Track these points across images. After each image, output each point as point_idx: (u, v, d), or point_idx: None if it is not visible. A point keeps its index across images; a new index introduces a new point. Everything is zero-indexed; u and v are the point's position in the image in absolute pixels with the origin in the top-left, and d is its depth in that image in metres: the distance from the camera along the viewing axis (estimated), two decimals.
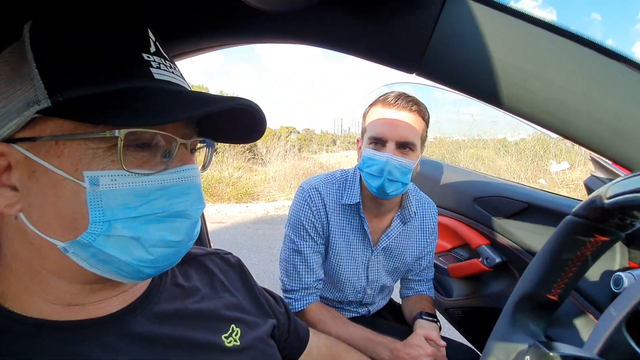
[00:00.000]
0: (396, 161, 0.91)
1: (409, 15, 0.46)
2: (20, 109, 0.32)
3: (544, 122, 0.48)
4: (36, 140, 0.33)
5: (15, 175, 0.34)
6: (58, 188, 0.33)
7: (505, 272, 1.15)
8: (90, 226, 0.33)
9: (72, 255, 0.35)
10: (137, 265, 0.36)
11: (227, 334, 0.51)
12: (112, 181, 0.33)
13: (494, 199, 1.13)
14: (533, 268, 0.39)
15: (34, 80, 0.32)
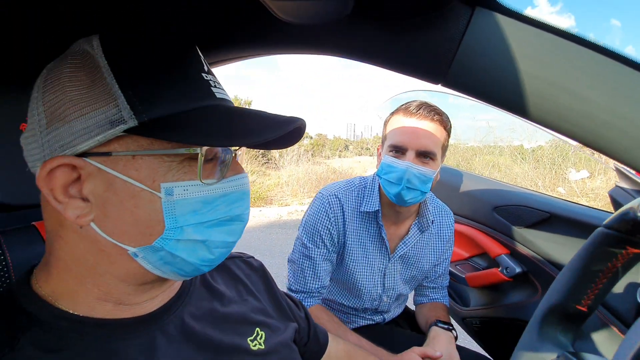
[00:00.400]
0: (415, 169, 0.91)
1: (437, 28, 0.48)
2: (103, 126, 0.34)
3: (571, 133, 0.48)
4: (111, 154, 0.35)
5: (88, 187, 0.36)
6: (136, 199, 0.36)
7: (525, 282, 1.13)
8: (165, 232, 0.37)
9: (140, 259, 0.38)
10: (199, 264, 0.40)
11: (252, 337, 0.52)
12: (184, 191, 0.37)
13: (514, 208, 1.12)
14: (562, 279, 0.40)
15: (118, 100, 0.34)
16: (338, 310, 1.14)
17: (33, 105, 0.37)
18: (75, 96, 0.35)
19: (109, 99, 0.34)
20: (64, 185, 0.35)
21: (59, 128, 0.35)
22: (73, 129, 0.34)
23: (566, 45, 0.44)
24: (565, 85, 0.45)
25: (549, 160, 6.19)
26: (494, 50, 0.46)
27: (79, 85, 0.35)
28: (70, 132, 0.34)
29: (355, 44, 0.53)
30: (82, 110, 0.34)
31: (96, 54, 0.35)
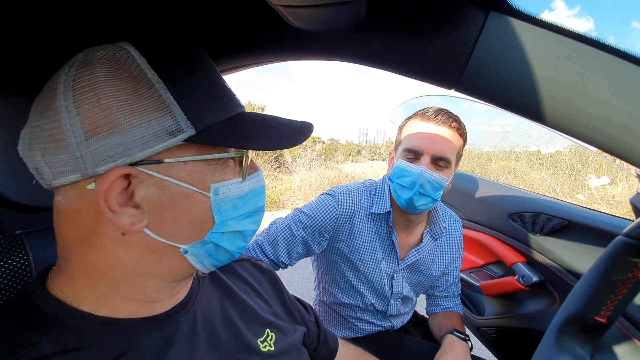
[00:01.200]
0: (430, 175, 0.90)
1: (450, 33, 0.47)
2: (161, 136, 0.35)
3: (589, 139, 0.47)
4: (164, 162, 0.37)
5: (141, 194, 0.36)
6: (190, 200, 0.39)
7: (542, 291, 1.10)
8: (215, 227, 0.41)
9: (190, 255, 0.41)
10: (234, 252, 0.45)
11: (262, 338, 0.53)
12: (226, 190, 0.41)
13: (531, 215, 1.09)
14: (580, 288, 0.38)
15: (174, 111, 0.36)
16: (347, 316, 1.13)
17: (60, 116, 0.34)
18: (121, 106, 0.34)
19: (164, 109, 0.35)
20: (117, 195, 0.35)
21: (106, 138, 0.34)
22: (125, 139, 0.34)
23: (584, 49, 0.44)
24: (582, 90, 0.44)
25: (567, 166, 6.03)
26: (509, 55, 0.46)
27: (123, 95, 0.35)
28: (122, 142, 0.34)
29: (368, 49, 0.53)
30: (133, 120, 0.34)
31: (137, 62, 0.36)
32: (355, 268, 1.04)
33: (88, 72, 0.35)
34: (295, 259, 1.02)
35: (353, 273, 1.05)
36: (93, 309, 0.39)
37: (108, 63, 0.36)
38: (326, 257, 1.08)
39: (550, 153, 6.53)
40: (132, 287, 0.40)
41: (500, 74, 0.47)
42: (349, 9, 0.44)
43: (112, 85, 0.35)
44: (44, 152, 0.36)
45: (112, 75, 0.35)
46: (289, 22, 0.49)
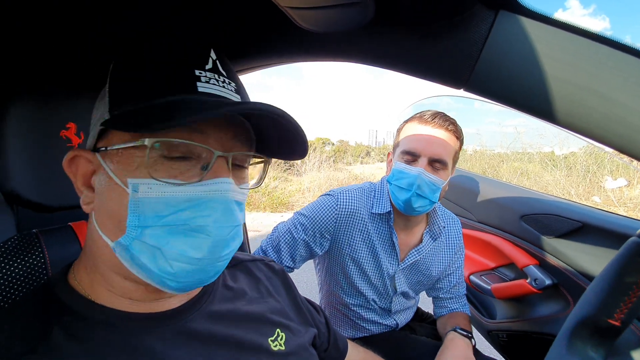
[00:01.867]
0: (427, 177, 0.92)
1: (458, 34, 0.47)
2: (96, 123, 0.40)
3: (602, 139, 0.46)
4: (107, 149, 0.38)
5: (94, 178, 0.40)
6: (112, 192, 0.37)
7: (555, 295, 1.08)
8: (127, 230, 0.36)
9: (118, 254, 0.38)
10: (160, 276, 0.37)
11: (273, 338, 0.53)
12: (148, 189, 0.35)
13: (544, 217, 1.07)
14: (593, 291, 0.38)
15: (105, 98, 0.39)
16: (352, 316, 1.13)
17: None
18: (100, 103, 0.41)
19: (104, 103, 0.40)
20: (83, 176, 0.40)
21: (92, 126, 0.42)
22: (91, 126, 0.41)
23: (597, 47, 0.43)
24: (596, 89, 0.44)
25: (582, 168, 5.89)
26: (519, 54, 0.45)
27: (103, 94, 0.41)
28: (91, 131, 0.41)
29: (376, 50, 0.53)
30: (95, 113, 0.41)
31: (110, 70, 0.41)
32: (357, 268, 1.05)
33: None
34: (299, 262, 1.03)
35: (355, 273, 1.06)
36: (98, 299, 0.41)
37: None
38: (328, 258, 1.09)
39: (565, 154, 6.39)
40: (106, 281, 0.40)
41: (510, 74, 0.47)
42: (357, 10, 0.44)
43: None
44: None
45: None
46: (297, 24, 0.49)
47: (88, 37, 0.59)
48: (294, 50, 0.60)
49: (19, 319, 0.38)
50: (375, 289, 1.08)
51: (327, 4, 0.43)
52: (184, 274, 0.37)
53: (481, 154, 7.34)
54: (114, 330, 0.39)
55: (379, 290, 1.08)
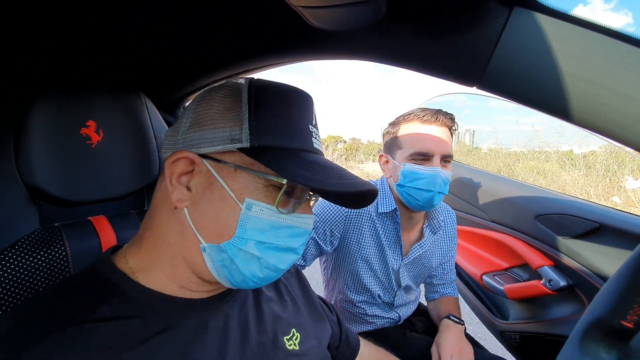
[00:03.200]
0: (444, 175, 0.96)
1: (472, 31, 0.47)
2: (225, 140, 0.43)
3: (622, 138, 0.45)
4: (221, 162, 0.43)
5: (195, 180, 0.44)
6: (224, 202, 0.42)
7: (571, 296, 1.06)
8: (233, 238, 0.42)
9: (206, 255, 0.43)
10: (248, 278, 0.44)
11: (288, 337, 0.54)
12: (260, 210, 0.42)
13: (559, 217, 1.05)
14: (607, 291, 0.37)
15: (243, 126, 0.42)
16: (355, 312, 1.15)
17: (185, 112, 0.47)
18: (214, 113, 0.44)
19: (237, 123, 0.43)
20: (180, 174, 0.44)
21: (196, 132, 0.44)
22: (204, 135, 0.43)
23: (615, 44, 0.42)
24: (614, 87, 0.43)
25: (602, 167, 5.71)
26: (534, 51, 0.45)
27: (221, 107, 0.44)
28: (200, 137, 0.43)
29: (389, 48, 0.53)
30: (216, 124, 0.43)
31: (242, 89, 0.45)
32: (365, 264, 1.07)
33: (215, 90, 0.46)
34: (310, 260, 1.06)
35: (363, 270, 1.08)
36: (147, 282, 0.44)
37: (229, 87, 0.46)
38: (336, 256, 1.11)
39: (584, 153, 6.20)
40: (171, 265, 0.45)
41: (524, 71, 0.46)
42: (369, 7, 0.44)
43: (220, 100, 0.45)
44: (168, 135, 0.48)
45: (226, 94, 0.45)
46: (310, 23, 0.50)
47: (91, 37, 0.61)
48: (307, 49, 0.60)
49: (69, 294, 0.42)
50: (381, 284, 1.11)
51: (339, 3, 0.43)
52: (267, 279, 0.46)
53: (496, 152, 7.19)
54: (154, 311, 0.43)
55: (384, 285, 1.11)
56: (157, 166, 0.74)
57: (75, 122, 0.63)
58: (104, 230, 0.67)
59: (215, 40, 0.65)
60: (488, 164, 6.96)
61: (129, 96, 0.71)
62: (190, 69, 0.76)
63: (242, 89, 0.45)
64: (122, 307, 0.42)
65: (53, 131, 0.61)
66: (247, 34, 0.60)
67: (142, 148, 0.71)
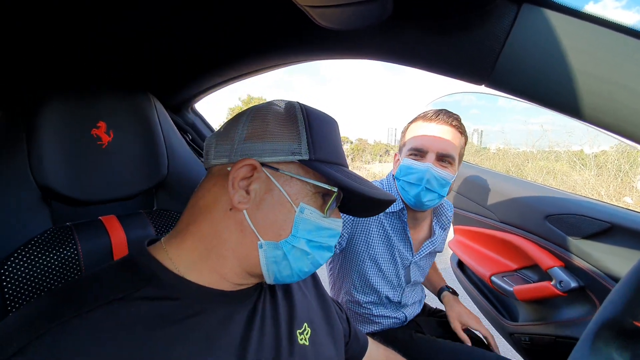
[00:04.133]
0: (435, 171, 0.94)
1: (480, 28, 0.46)
2: (286, 152, 0.48)
3: (633, 135, 0.44)
4: (279, 171, 0.48)
5: (255, 185, 0.48)
6: (282, 205, 0.48)
7: (582, 298, 1.04)
8: (289, 236, 0.48)
9: (262, 251, 0.48)
10: (296, 272, 0.50)
11: (301, 331, 0.56)
12: (310, 213, 0.49)
13: (570, 217, 1.03)
14: (619, 291, 0.36)
15: (302, 141, 0.49)
16: (362, 313, 1.15)
17: (239, 123, 0.51)
18: (273, 128, 0.49)
19: (296, 138, 0.49)
20: (240, 178, 0.47)
21: (255, 143, 0.49)
22: (265, 146, 0.48)
23: (627, 41, 0.41)
24: (626, 84, 0.42)
25: (614, 167, 5.61)
26: (544, 48, 0.44)
27: (279, 123, 0.50)
28: (261, 147, 0.48)
29: (395, 47, 0.53)
30: (276, 138, 0.49)
31: (297, 110, 0.51)
32: (373, 264, 1.07)
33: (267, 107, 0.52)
34: None
35: (371, 270, 1.08)
36: (184, 272, 0.48)
37: (282, 106, 0.52)
38: (343, 256, 1.11)
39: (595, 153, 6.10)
40: (219, 259, 0.48)
41: (534, 69, 0.46)
42: (375, 6, 0.44)
43: (277, 117, 0.50)
44: (217, 143, 0.52)
45: (280, 112, 0.51)
46: (317, 22, 0.50)
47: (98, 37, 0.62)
48: (314, 49, 0.60)
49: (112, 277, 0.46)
50: (389, 284, 1.10)
51: (346, 2, 0.43)
52: (309, 273, 0.52)
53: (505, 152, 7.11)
54: (185, 297, 0.46)
55: (393, 283, 1.11)
56: (165, 166, 0.75)
57: (86, 123, 0.64)
58: (114, 230, 0.68)
59: (220, 41, 0.65)
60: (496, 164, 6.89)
61: (138, 97, 0.72)
62: (197, 69, 0.76)
63: (296, 109, 0.51)
64: (159, 290, 0.45)
65: (64, 132, 0.62)
66: (253, 34, 0.60)
67: (152, 148, 0.72)
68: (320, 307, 0.65)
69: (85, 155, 0.65)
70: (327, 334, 0.61)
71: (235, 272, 0.50)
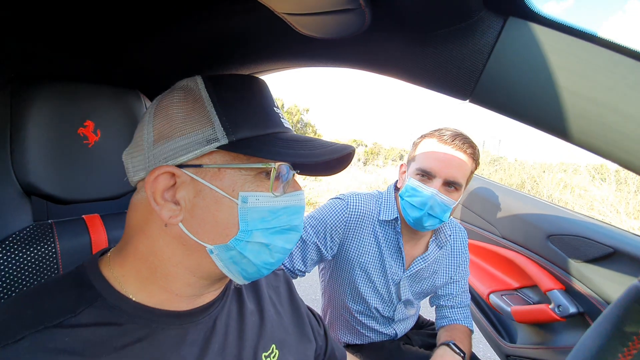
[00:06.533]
0: (440, 198, 0.92)
1: (463, 41, 0.44)
2: (201, 143, 0.41)
3: (624, 161, 0.41)
4: (203, 166, 0.42)
5: (181, 193, 0.42)
6: (219, 204, 0.42)
7: (581, 324, 0.99)
8: (238, 234, 0.42)
9: (214, 256, 0.43)
10: (261, 266, 0.45)
11: (267, 353, 0.53)
12: (256, 200, 0.43)
13: (572, 239, 0.98)
14: (591, 336, 0.33)
15: (214, 124, 0.41)
16: (353, 322, 1.13)
17: (143, 128, 0.45)
18: (179, 120, 0.42)
19: (207, 123, 0.42)
20: (163, 190, 0.42)
21: (164, 144, 0.42)
22: (176, 145, 0.42)
23: (618, 59, 0.38)
24: (616, 106, 0.39)
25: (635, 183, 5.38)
26: (529, 64, 0.41)
27: (183, 112, 0.43)
28: (172, 147, 0.42)
29: (377, 57, 0.51)
30: (184, 131, 0.42)
31: (200, 88, 0.43)
32: (364, 274, 1.05)
33: (168, 96, 0.45)
34: (310, 266, 1.04)
35: (361, 279, 1.06)
36: (132, 293, 0.44)
37: (180, 90, 0.44)
38: (334, 263, 1.09)
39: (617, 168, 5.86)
40: (167, 277, 0.44)
41: (519, 85, 0.43)
42: (352, 16, 0.43)
43: (178, 106, 0.43)
44: (131, 155, 0.45)
45: (180, 98, 0.43)
46: (297, 30, 0.49)
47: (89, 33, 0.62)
48: (297, 56, 0.59)
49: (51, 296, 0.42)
50: (379, 297, 1.08)
51: (321, 10, 0.41)
52: (278, 263, 0.47)
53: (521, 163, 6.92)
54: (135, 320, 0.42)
55: (384, 297, 1.08)
56: None
57: (73, 122, 0.65)
58: (95, 229, 0.68)
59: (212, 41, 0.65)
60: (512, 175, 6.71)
61: (128, 96, 0.72)
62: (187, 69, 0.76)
63: (199, 87, 0.43)
64: (102, 313, 0.41)
65: (50, 130, 0.62)
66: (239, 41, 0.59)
67: None
68: (295, 325, 0.61)
69: (70, 154, 0.65)
70: (297, 356, 0.57)
71: (190, 284, 0.45)
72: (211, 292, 0.49)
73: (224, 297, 0.52)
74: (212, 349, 0.46)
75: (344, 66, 0.55)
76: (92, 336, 0.39)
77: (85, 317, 0.40)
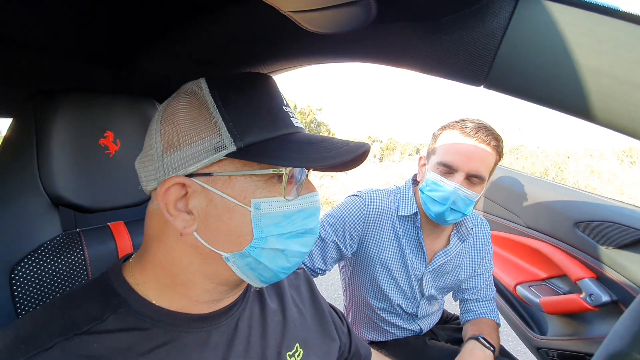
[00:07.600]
0: (462, 192, 0.89)
1: (473, 25, 0.43)
2: (209, 151, 0.41)
3: None
4: (213, 175, 0.42)
5: (193, 202, 0.42)
6: (231, 212, 0.42)
7: (615, 313, 0.94)
8: (253, 241, 0.42)
9: (231, 263, 0.44)
10: (277, 271, 0.45)
11: (291, 352, 0.53)
12: (269, 206, 0.42)
13: (602, 225, 0.94)
14: (625, 322, 0.32)
15: (221, 130, 0.41)
16: (376, 319, 1.12)
17: (152, 135, 0.44)
18: (185, 128, 0.42)
19: (214, 129, 0.41)
20: (175, 201, 0.42)
21: (173, 154, 0.42)
22: (184, 154, 0.41)
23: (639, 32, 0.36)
24: None
25: None
26: (545, 44, 0.40)
27: (189, 118, 0.42)
28: (181, 157, 0.41)
29: (386, 48, 0.50)
30: (192, 139, 0.41)
31: (204, 92, 0.43)
32: (385, 270, 1.04)
33: (173, 102, 0.44)
34: (330, 264, 1.03)
35: (382, 276, 1.05)
36: (154, 299, 0.45)
37: (185, 95, 0.44)
38: (355, 260, 1.08)
39: None
40: (186, 284, 0.45)
41: (536, 67, 0.41)
42: (358, 8, 0.42)
43: (184, 112, 0.42)
44: (143, 165, 0.45)
45: (185, 104, 0.43)
46: (304, 27, 0.49)
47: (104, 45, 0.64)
48: (306, 53, 0.59)
49: (77, 304, 0.43)
50: (402, 293, 1.06)
51: (327, 5, 0.41)
52: (294, 266, 0.47)
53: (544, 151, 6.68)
54: (159, 325, 0.43)
55: (406, 294, 1.06)
56: None
57: (94, 133, 0.67)
58: (120, 236, 0.70)
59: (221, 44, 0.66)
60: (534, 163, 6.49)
61: (144, 105, 0.74)
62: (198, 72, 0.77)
63: (203, 91, 0.43)
64: (127, 319, 0.42)
65: (73, 142, 0.65)
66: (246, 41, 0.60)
67: None
68: (317, 324, 0.61)
69: (93, 164, 0.67)
70: (321, 355, 0.57)
71: (209, 290, 0.46)
72: (230, 296, 0.50)
73: (245, 298, 0.53)
74: (236, 350, 0.47)
75: (353, 60, 0.55)
76: (119, 342, 0.40)
77: (111, 323, 0.41)
